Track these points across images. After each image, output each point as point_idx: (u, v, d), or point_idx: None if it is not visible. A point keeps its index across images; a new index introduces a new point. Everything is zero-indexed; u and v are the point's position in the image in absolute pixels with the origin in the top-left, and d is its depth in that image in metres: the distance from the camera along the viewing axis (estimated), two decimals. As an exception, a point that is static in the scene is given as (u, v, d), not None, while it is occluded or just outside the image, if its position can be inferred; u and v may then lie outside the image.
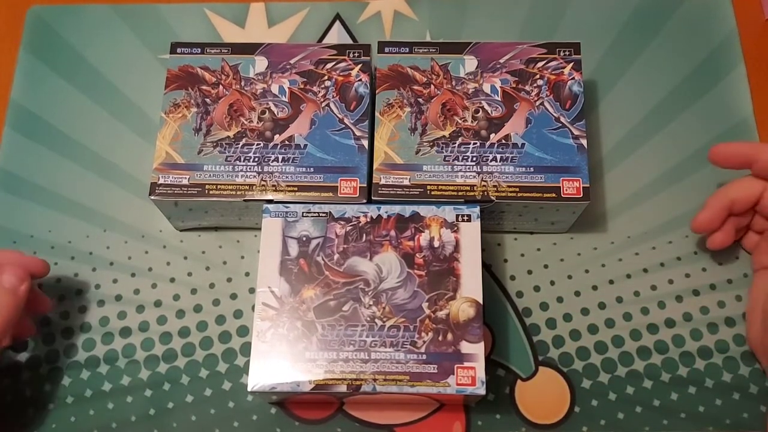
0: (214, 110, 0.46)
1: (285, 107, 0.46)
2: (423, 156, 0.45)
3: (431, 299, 0.42)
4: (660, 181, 0.51)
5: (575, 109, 0.45)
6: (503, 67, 0.47)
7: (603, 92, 0.53)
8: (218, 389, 0.46)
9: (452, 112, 0.46)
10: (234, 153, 0.45)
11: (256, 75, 0.47)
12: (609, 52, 0.54)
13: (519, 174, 0.44)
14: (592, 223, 0.50)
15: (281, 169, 0.45)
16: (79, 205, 0.51)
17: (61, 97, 0.54)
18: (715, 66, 0.54)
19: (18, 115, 0.54)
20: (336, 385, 0.40)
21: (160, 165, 0.45)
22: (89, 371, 0.46)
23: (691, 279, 0.48)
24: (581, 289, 0.48)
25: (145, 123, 0.53)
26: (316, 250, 0.43)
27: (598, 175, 0.51)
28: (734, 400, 0.45)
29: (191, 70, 0.47)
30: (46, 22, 0.56)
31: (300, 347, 0.41)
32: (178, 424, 0.45)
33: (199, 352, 0.47)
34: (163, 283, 0.49)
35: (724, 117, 0.52)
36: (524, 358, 0.47)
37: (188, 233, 0.50)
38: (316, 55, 0.47)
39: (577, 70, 0.46)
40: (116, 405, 0.46)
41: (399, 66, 0.47)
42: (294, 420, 0.45)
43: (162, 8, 0.56)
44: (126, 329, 0.48)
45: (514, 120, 0.45)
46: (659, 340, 0.47)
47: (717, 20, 0.55)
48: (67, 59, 0.55)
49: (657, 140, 0.52)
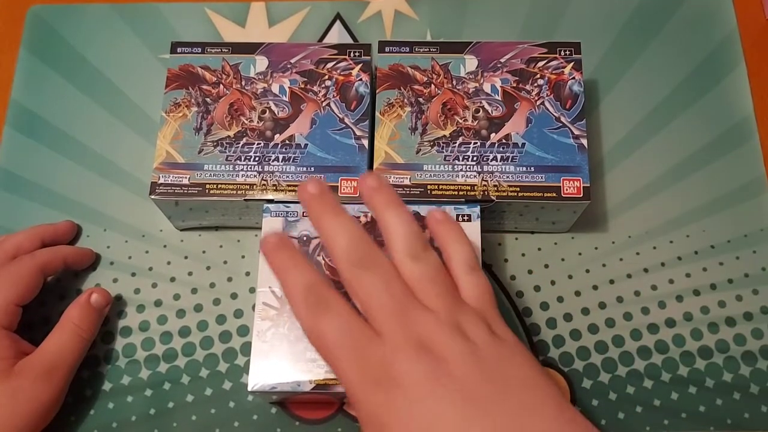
0: (214, 110, 0.46)
1: (285, 107, 0.46)
2: (423, 156, 0.45)
3: (432, 299, 0.42)
4: (661, 180, 0.51)
5: (576, 109, 0.45)
6: (504, 66, 0.47)
7: (603, 92, 0.53)
8: (219, 389, 0.46)
9: (453, 112, 0.46)
10: (234, 152, 0.45)
11: (257, 74, 0.47)
12: (609, 52, 0.54)
13: (519, 174, 0.44)
14: (593, 223, 0.50)
15: (282, 169, 0.45)
16: (78, 204, 0.51)
17: (61, 96, 0.54)
18: (716, 66, 0.54)
19: (18, 114, 0.53)
20: (336, 385, 0.40)
21: (160, 164, 0.45)
22: (89, 371, 0.46)
23: (692, 279, 0.48)
24: (582, 289, 0.48)
25: (146, 122, 0.53)
26: (316, 249, 0.43)
27: (599, 175, 0.51)
28: (735, 400, 0.45)
29: (192, 69, 0.47)
30: (46, 21, 0.56)
31: (300, 347, 0.41)
32: (179, 423, 0.45)
33: (200, 352, 0.47)
34: (163, 283, 0.49)
35: (724, 117, 0.52)
36: (525, 357, 0.46)
37: (189, 233, 0.50)
38: (317, 54, 0.47)
39: (577, 70, 0.46)
40: (116, 404, 0.46)
41: (399, 65, 0.47)
42: (294, 420, 0.45)
43: (162, 8, 0.56)
44: (126, 329, 0.48)
45: (514, 119, 0.45)
46: (660, 340, 0.47)
47: (717, 20, 0.55)
48: (67, 59, 0.55)
49: (657, 140, 0.52)
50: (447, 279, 0.35)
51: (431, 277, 0.34)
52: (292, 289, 0.33)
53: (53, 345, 0.43)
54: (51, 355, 0.42)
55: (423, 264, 0.34)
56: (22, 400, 0.40)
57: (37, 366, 0.41)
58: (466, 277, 0.36)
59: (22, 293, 0.43)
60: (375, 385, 0.31)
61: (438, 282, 0.34)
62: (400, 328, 0.32)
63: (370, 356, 0.31)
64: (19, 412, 0.40)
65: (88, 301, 0.44)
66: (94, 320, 0.45)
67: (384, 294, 0.33)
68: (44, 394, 0.41)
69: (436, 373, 0.30)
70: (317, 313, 0.33)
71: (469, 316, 0.33)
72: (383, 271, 0.34)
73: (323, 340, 0.33)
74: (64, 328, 0.43)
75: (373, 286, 0.33)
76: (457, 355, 0.31)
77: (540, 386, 0.31)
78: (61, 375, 0.42)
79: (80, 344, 0.43)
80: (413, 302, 0.33)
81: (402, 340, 0.31)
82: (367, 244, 0.34)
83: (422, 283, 0.34)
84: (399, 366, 0.30)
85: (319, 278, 0.34)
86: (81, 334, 0.43)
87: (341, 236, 0.34)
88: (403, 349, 0.31)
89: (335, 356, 0.32)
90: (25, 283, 0.44)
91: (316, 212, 0.35)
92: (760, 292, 0.48)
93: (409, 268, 0.34)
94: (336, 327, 0.32)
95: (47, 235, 0.47)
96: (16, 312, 0.43)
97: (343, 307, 0.33)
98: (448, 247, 0.37)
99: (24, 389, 0.41)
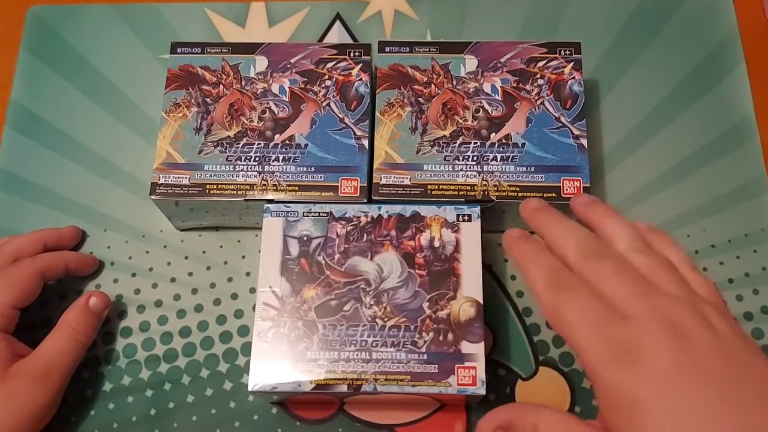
0: (214, 110, 0.46)
1: (285, 107, 0.46)
2: (423, 155, 0.45)
3: (432, 299, 0.42)
4: (661, 180, 0.51)
5: (576, 109, 0.45)
6: (504, 66, 0.47)
7: (603, 92, 0.53)
8: (219, 389, 0.46)
9: (453, 112, 0.46)
10: (235, 153, 0.45)
11: (257, 74, 0.47)
12: (609, 52, 0.54)
13: (519, 173, 0.44)
14: (593, 223, 0.50)
15: (282, 169, 0.45)
16: (79, 205, 0.51)
17: (62, 97, 0.54)
18: (716, 66, 0.54)
19: (18, 115, 0.53)
20: (337, 384, 0.40)
21: (160, 165, 0.45)
22: (90, 371, 0.46)
23: (692, 278, 0.48)
24: (582, 289, 0.48)
25: (146, 123, 0.53)
26: (317, 249, 0.43)
27: (599, 175, 0.51)
28: (735, 399, 0.45)
29: (192, 69, 0.47)
30: (46, 22, 0.56)
31: (301, 347, 0.41)
32: (179, 424, 0.45)
33: (200, 352, 0.47)
34: (163, 283, 0.49)
35: (724, 117, 0.52)
36: (525, 357, 0.47)
37: (189, 233, 0.50)
38: (317, 54, 0.47)
39: (577, 70, 0.46)
40: (117, 405, 0.46)
41: (399, 65, 0.47)
42: (295, 420, 0.45)
43: (162, 8, 0.56)
44: (127, 329, 0.48)
45: (514, 119, 0.45)
46: (660, 340, 0.47)
47: (717, 20, 0.55)
48: (67, 59, 0.55)
49: (657, 140, 0.52)
50: (679, 273, 0.34)
51: (665, 266, 0.34)
52: (536, 271, 0.34)
53: (50, 348, 0.42)
54: (47, 358, 0.42)
55: (653, 257, 0.34)
56: (18, 403, 0.40)
57: (33, 369, 0.41)
58: (692, 274, 0.35)
59: (21, 296, 0.43)
60: (620, 359, 0.30)
61: (672, 272, 0.34)
62: (645, 306, 0.31)
63: (615, 332, 0.31)
64: (15, 415, 0.40)
65: (87, 305, 0.44)
66: (92, 324, 0.45)
67: (624, 278, 0.33)
68: (40, 396, 0.41)
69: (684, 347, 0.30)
70: (558, 292, 0.33)
71: (709, 307, 0.32)
72: (618, 260, 0.34)
73: (563, 315, 0.32)
74: (61, 331, 0.43)
75: (612, 271, 0.33)
76: (703, 335, 0.30)
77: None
78: (57, 378, 0.42)
79: (77, 347, 0.43)
80: (655, 286, 0.33)
81: (647, 316, 0.31)
82: (596, 240, 0.35)
83: (657, 272, 0.33)
84: (645, 339, 0.30)
85: (564, 266, 0.34)
86: (78, 337, 0.43)
87: (571, 236, 0.35)
88: (649, 324, 0.31)
89: (576, 332, 0.32)
90: (24, 286, 0.43)
91: (543, 222, 0.36)
92: (761, 291, 0.48)
93: (640, 259, 0.34)
94: (578, 306, 0.32)
95: (50, 239, 0.47)
96: (13, 315, 0.43)
97: (587, 290, 0.33)
98: (666, 248, 0.36)
99: (19, 392, 0.40)
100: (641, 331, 0.30)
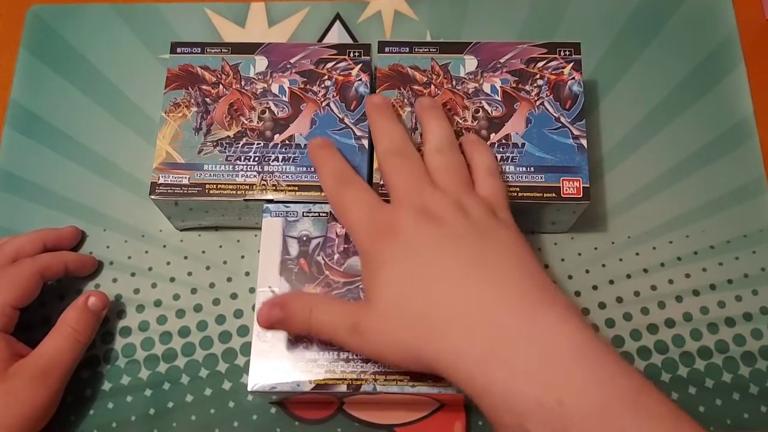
0: (214, 110, 0.46)
1: (285, 107, 0.46)
2: (423, 156, 0.45)
3: (431, 299, 0.42)
4: (660, 180, 0.51)
5: (575, 109, 0.45)
6: (503, 66, 0.47)
7: (603, 92, 0.53)
8: (218, 389, 0.46)
9: (452, 112, 0.46)
10: (234, 152, 0.45)
11: (257, 74, 0.47)
12: (609, 52, 0.54)
13: (519, 174, 0.44)
14: (593, 223, 0.50)
15: (282, 169, 0.45)
16: (79, 204, 0.51)
17: (61, 97, 0.54)
18: (715, 66, 0.54)
19: (18, 115, 0.53)
20: (336, 384, 0.40)
21: (160, 164, 0.45)
22: (89, 371, 0.46)
23: (691, 279, 0.48)
24: (581, 289, 0.48)
25: (145, 122, 0.53)
26: (316, 249, 0.43)
27: (599, 175, 0.51)
28: (734, 400, 0.45)
29: (191, 69, 0.47)
30: (46, 22, 0.56)
31: (300, 347, 0.41)
32: (178, 423, 0.45)
33: (199, 352, 0.47)
34: (163, 283, 0.49)
35: (724, 117, 0.52)
36: (524, 358, 0.46)
37: (188, 233, 0.50)
38: (316, 54, 0.47)
39: (577, 70, 0.46)
40: (116, 404, 0.46)
41: (399, 66, 0.47)
42: (294, 420, 0.45)
43: (162, 8, 0.56)
44: (126, 329, 0.48)
45: (514, 120, 0.45)
46: (659, 340, 0.47)
47: (717, 20, 0.55)
48: (67, 59, 0.55)
49: (657, 140, 0.52)
50: (464, 172, 0.40)
51: (449, 166, 0.40)
52: (325, 170, 0.41)
53: (49, 348, 0.42)
54: (46, 357, 0.42)
55: (446, 157, 0.40)
56: (17, 403, 0.40)
57: (32, 368, 0.41)
58: (483, 177, 0.41)
59: (20, 296, 0.43)
60: (379, 234, 0.37)
61: (453, 171, 0.40)
62: (409, 198, 0.38)
63: (379, 216, 0.38)
64: (14, 414, 0.40)
65: (86, 305, 0.44)
66: (91, 324, 0.45)
67: (405, 175, 0.39)
68: (39, 396, 0.41)
69: (431, 225, 0.36)
70: (341, 186, 0.40)
71: (473, 200, 0.38)
72: (411, 160, 0.40)
73: (342, 203, 0.39)
74: (60, 330, 0.43)
75: (400, 168, 0.40)
76: (452, 218, 0.37)
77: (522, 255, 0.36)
78: (56, 378, 0.42)
79: (76, 347, 0.43)
80: (428, 182, 0.39)
81: (408, 205, 0.38)
82: (405, 142, 0.41)
83: (440, 171, 0.40)
84: (400, 221, 0.37)
85: (350, 167, 0.42)
86: (77, 337, 0.43)
87: (386, 135, 0.41)
88: (407, 210, 0.37)
89: (349, 215, 0.39)
90: (24, 286, 0.43)
91: (373, 117, 0.43)
92: (760, 292, 0.48)
93: (433, 159, 0.40)
94: (354, 196, 0.39)
95: (50, 239, 0.47)
96: (12, 314, 0.43)
97: (365, 186, 0.40)
98: (475, 154, 0.42)
99: (19, 391, 0.40)
100: (400, 214, 0.37)
